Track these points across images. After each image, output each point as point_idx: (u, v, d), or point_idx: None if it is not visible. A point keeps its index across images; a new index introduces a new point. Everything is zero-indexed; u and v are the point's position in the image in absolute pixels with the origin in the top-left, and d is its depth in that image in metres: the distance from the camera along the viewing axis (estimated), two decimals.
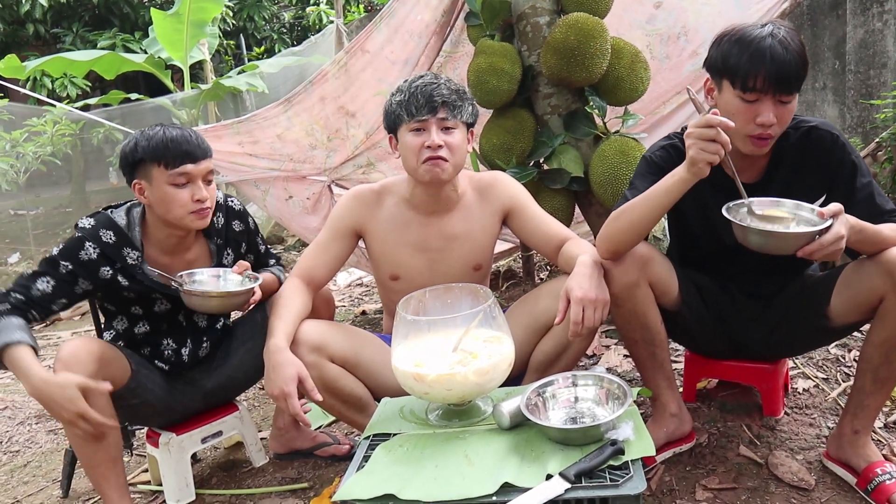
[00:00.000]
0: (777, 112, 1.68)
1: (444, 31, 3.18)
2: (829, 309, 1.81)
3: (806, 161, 1.81)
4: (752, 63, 1.64)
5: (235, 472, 2.38)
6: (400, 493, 1.37)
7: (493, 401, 1.70)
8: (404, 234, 2.11)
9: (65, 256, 1.95)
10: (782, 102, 1.68)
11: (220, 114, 7.86)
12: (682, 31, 3.12)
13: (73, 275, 1.95)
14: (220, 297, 2.01)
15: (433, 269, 2.12)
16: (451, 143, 1.95)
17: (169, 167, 1.93)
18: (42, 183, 7.65)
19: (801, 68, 1.65)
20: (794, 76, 1.64)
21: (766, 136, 1.71)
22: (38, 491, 2.50)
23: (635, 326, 1.93)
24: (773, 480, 1.90)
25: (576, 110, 2.83)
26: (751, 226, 1.63)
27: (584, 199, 2.91)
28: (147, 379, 2.07)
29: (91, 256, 1.96)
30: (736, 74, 1.67)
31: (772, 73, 1.63)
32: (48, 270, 1.95)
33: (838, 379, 2.42)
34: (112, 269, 1.99)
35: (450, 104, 1.95)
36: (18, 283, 1.93)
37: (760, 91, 1.65)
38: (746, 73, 1.65)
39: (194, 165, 1.95)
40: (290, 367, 1.79)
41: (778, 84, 1.64)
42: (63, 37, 9.53)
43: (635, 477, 1.34)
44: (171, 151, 1.93)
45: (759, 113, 1.67)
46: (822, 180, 1.80)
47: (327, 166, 3.52)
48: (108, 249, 1.98)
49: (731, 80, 1.69)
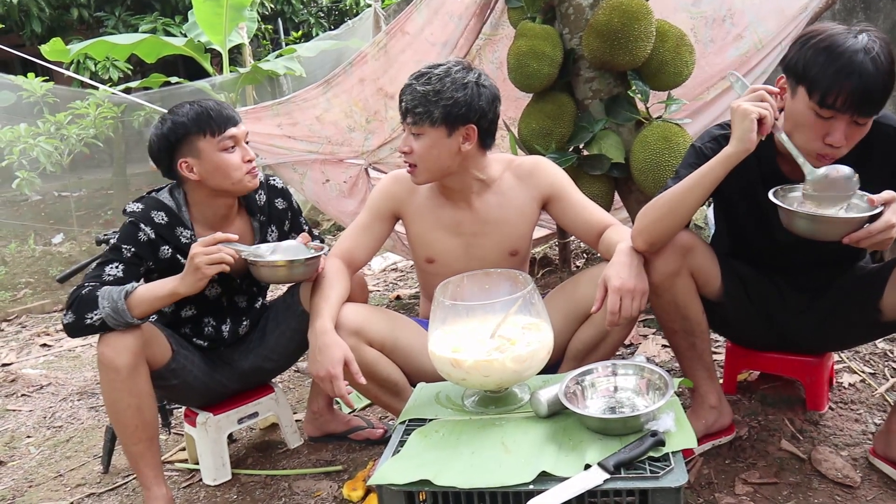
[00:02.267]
0: (849, 132, 1.56)
1: (485, 13, 3.14)
2: (882, 302, 1.75)
3: (871, 156, 1.69)
4: (836, 79, 1.50)
5: (270, 452, 2.40)
6: (435, 478, 1.36)
7: (530, 388, 1.68)
8: (439, 218, 2.10)
9: (124, 241, 1.98)
10: (857, 124, 1.56)
11: (258, 97, 7.91)
12: (727, 13, 3.04)
13: (137, 256, 1.98)
14: (286, 266, 1.96)
15: (468, 253, 2.11)
16: (416, 150, 1.95)
17: (216, 134, 1.98)
18: (85, 165, 7.76)
19: (888, 90, 1.51)
20: (879, 99, 1.52)
21: (829, 156, 1.60)
22: (80, 466, 2.55)
23: (675, 317, 1.89)
24: (816, 476, 1.85)
25: (618, 95, 2.77)
26: (797, 210, 1.56)
27: (625, 186, 2.86)
28: (186, 360, 2.09)
29: (150, 236, 2.00)
30: (816, 86, 1.53)
31: (856, 94, 1.49)
32: (113, 257, 1.97)
33: (886, 374, 2.35)
34: (170, 247, 2.03)
35: (412, 110, 1.92)
36: (89, 276, 1.95)
37: (838, 110, 1.52)
38: (828, 89, 1.51)
39: (237, 129, 2.02)
40: (337, 350, 1.79)
41: (860, 106, 1.52)
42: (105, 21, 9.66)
43: (676, 469, 1.31)
44: (215, 119, 1.99)
45: (831, 132, 1.56)
46: (884, 173, 1.70)
47: (365, 149, 3.51)
48: (162, 230, 2.02)
49: (810, 90, 1.54)
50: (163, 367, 2.00)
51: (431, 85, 1.90)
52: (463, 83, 1.91)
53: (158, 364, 1.98)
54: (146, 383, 1.93)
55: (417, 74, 1.95)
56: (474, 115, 1.94)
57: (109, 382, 1.89)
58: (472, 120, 1.94)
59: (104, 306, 1.83)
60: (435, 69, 1.93)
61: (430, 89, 1.90)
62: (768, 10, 2.99)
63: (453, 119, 1.91)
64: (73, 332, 1.90)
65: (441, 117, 1.90)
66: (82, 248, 6.43)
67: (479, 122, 1.95)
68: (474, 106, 1.93)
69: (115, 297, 1.84)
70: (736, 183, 1.76)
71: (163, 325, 2.13)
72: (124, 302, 1.83)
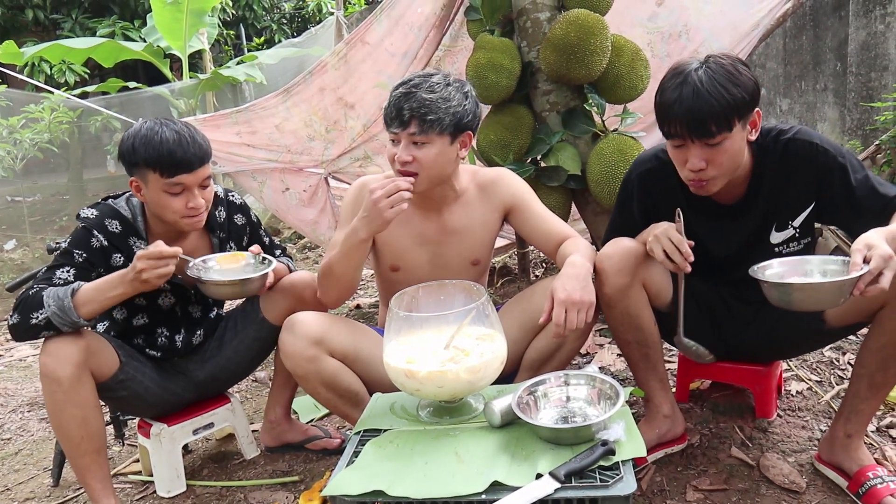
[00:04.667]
0: (707, 156, 1.65)
1: (444, 25, 3.17)
2: (825, 312, 1.80)
3: (789, 174, 1.78)
4: (664, 111, 1.65)
5: (226, 463, 2.38)
6: (389, 489, 1.37)
7: (484, 398, 1.70)
8: (407, 227, 2.09)
9: (76, 246, 1.95)
10: (709, 146, 1.64)
11: (219, 104, 7.84)
12: (683, 29, 3.11)
13: (88, 262, 1.95)
14: (231, 284, 1.97)
15: (432, 262, 2.12)
16: (420, 159, 1.89)
17: (164, 176, 1.89)
18: (39, 170, 7.61)
19: (721, 108, 1.59)
20: (709, 120, 1.60)
21: (701, 181, 1.69)
22: (28, 479, 2.50)
23: (628, 328, 1.93)
24: (764, 482, 1.90)
25: (574, 108, 2.82)
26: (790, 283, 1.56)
27: (581, 198, 2.90)
28: (137, 371, 2.06)
29: (103, 244, 1.97)
30: (659, 122, 1.69)
31: (686, 122, 1.61)
32: (65, 261, 1.94)
33: (832, 382, 2.41)
34: (122, 256, 2.00)
35: (419, 118, 1.85)
36: (38, 280, 1.91)
37: (680, 136, 1.65)
38: (665, 121, 1.66)
39: (190, 174, 1.91)
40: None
41: (694, 131, 1.62)
42: (62, 23, 9.47)
43: (625, 478, 1.34)
44: (167, 160, 1.87)
45: (688, 158, 1.67)
46: (809, 191, 1.78)
47: (325, 158, 3.51)
48: (115, 239, 1.99)
49: (661, 129, 1.70)
50: (109, 379, 1.97)
51: (437, 93, 1.87)
52: (463, 91, 1.94)
53: (105, 375, 1.95)
54: (90, 394, 1.90)
55: (413, 83, 1.89)
56: (474, 122, 1.98)
57: (52, 394, 1.85)
58: (471, 127, 1.97)
59: (49, 304, 1.80)
60: (430, 77, 1.91)
61: (437, 97, 1.86)
62: (722, 26, 3.07)
63: (461, 127, 1.92)
64: (18, 334, 1.85)
65: (451, 125, 1.89)
66: (35, 254, 6.29)
67: (474, 130, 1.99)
68: (476, 113, 1.98)
69: (60, 295, 1.81)
70: (664, 202, 1.88)
71: (114, 335, 2.10)
72: (70, 300, 1.80)
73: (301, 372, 1.91)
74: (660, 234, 1.76)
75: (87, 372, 1.88)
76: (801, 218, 1.81)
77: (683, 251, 1.72)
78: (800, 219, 1.81)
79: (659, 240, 1.76)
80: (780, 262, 1.69)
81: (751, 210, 1.83)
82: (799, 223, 1.82)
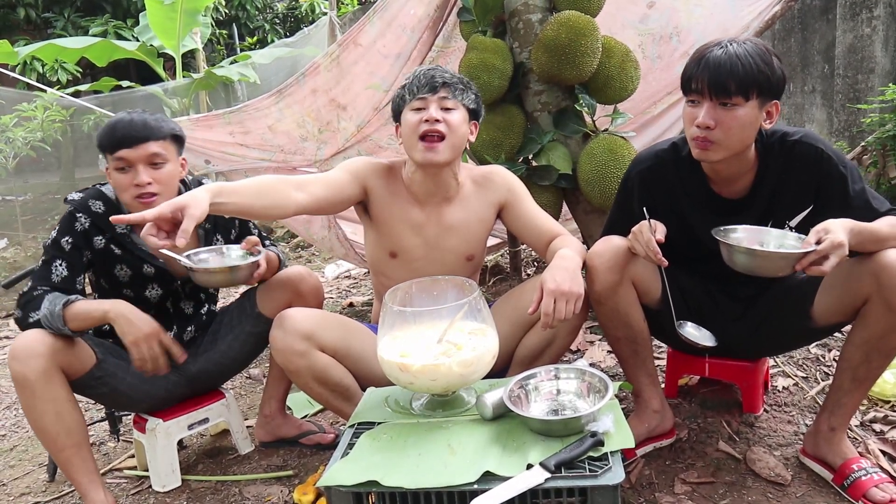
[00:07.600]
0: (717, 116, 1.70)
1: (437, 26, 3.19)
2: (812, 310, 1.84)
3: (791, 175, 1.82)
4: (694, 69, 1.72)
5: (221, 458, 2.40)
6: (383, 479, 1.39)
7: (476, 392, 1.73)
8: (405, 213, 2.11)
9: (63, 233, 2.01)
10: (723, 105, 1.70)
11: (212, 103, 7.84)
12: (674, 31, 3.15)
13: (76, 248, 2.01)
14: (222, 271, 2.00)
15: (429, 255, 2.14)
16: (450, 121, 1.97)
17: (109, 152, 1.98)
18: (31, 169, 7.60)
19: (744, 74, 1.66)
20: (730, 79, 1.67)
21: (706, 140, 1.74)
22: (24, 475, 2.51)
23: (618, 325, 1.96)
24: (750, 475, 1.93)
25: (565, 108, 2.85)
26: (739, 245, 1.66)
27: (572, 197, 2.94)
28: (117, 367, 2.07)
29: (84, 226, 2.02)
30: (683, 80, 1.76)
31: (707, 76, 1.68)
32: (56, 253, 1.99)
33: (818, 378, 2.46)
34: (104, 238, 2.04)
35: (450, 85, 1.99)
36: (37, 278, 1.97)
37: (698, 93, 1.71)
38: (689, 78, 1.73)
39: (130, 150, 1.97)
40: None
41: (713, 87, 1.68)
42: (54, 22, 9.45)
43: (614, 468, 1.37)
44: (108, 137, 1.98)
45: (699, 115, 1.72)
46: (809, 194, 1.82)
47: (318, 158, 3.52)
48: (98, 219, 2.04)
49: (682, 86, 1.77)
50: (85, 375, 1.98)
51: (459, 75, 2.05)
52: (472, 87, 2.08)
53: (79, 372, 1.97)
54: (62, 389, 1.91)
55: (429, 67, 2.03)
56: (479, 115, 2.13)
57: (23, 392, 1.89)
58: (478, 119, 2.11)
59: (44, 307, 1.88)
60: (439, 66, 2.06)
61: (460, 76, 2.04)
62: (713, 28, 3.11)
63: (475, 107, 2.08)
64: (21, 328, 1.95)
65: (472, 101, 2.06)
66: (28, 253, 6.28)
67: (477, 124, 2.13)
68: (481, 111, 2.13)
69: (55, 302, 1.89)
70: (664, 200, 1.92)
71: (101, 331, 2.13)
72: (61, 311, 1.87)
73: (292, 367, 1.93)
74: (635, 230, 1.83)
75: (55, 368, 1.89)
76: (798, 219, 1.85)
77: (651, 249, 1.77)
78: (796, 220, 1.85)
79: (636, 236, 1.83)
80: (744, 229, 1.80)
81: (750, 208, 1.87)
82: (795, 224, 1.86)
